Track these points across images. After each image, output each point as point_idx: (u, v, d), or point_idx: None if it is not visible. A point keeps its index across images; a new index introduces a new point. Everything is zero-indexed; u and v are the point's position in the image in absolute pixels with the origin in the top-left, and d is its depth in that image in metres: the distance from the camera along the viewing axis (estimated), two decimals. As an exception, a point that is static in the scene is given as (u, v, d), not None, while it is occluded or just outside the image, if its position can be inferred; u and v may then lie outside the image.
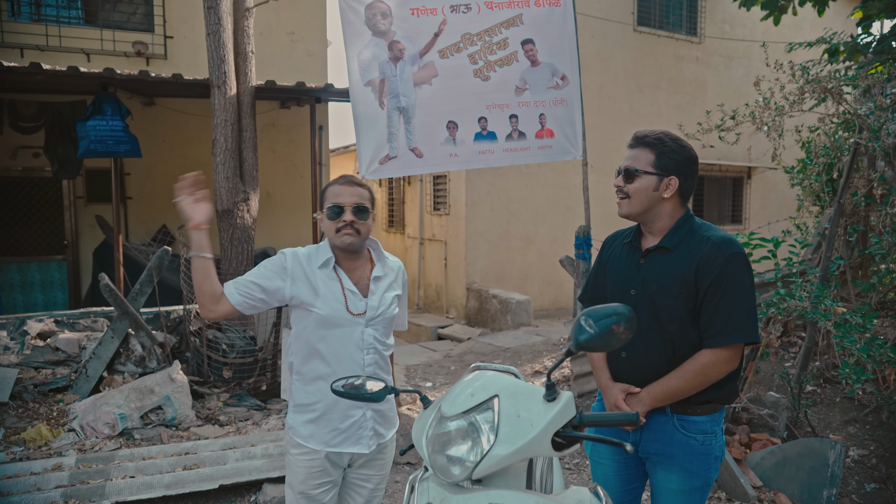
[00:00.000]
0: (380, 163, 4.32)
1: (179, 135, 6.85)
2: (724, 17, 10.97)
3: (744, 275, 1.67)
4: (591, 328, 1.36)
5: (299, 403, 1.91)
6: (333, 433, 1.88)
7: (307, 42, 7.40)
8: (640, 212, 1.79)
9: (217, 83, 4.36)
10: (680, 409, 1.73)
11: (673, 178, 1.75)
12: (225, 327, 4.28)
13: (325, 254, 1.91)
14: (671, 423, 1.74)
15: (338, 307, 1.87)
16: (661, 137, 1.78)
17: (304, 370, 1.91)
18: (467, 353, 7.18)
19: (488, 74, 4.53)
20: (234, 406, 4.16)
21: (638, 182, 1.76)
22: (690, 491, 1.75)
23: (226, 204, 4.40)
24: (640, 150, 1.78)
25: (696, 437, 1.73)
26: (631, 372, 1.79)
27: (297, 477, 1.89)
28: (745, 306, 1.66)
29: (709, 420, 1.75)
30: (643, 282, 1.77)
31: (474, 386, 1.50)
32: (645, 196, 1.76)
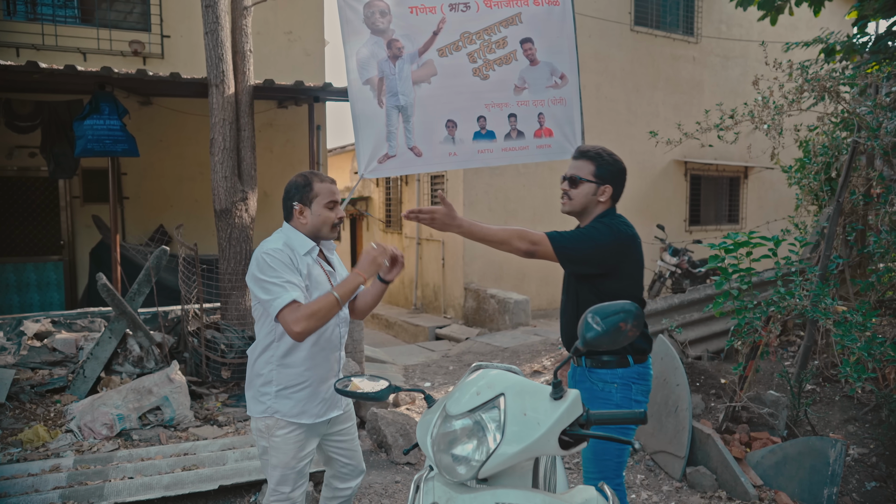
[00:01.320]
0: (378, 162, 4.30)
1: (177, 134, 6.82)
2: (720, 17, 11.00)
3: (596, 229, 2.12)
4: (598, 325, 1.35)
5: (287, 386, 2.02)
6: (320, 404, 2.07)
7: (305, 41, 7.37)
8: (579, 210, 2.22)
9: (215, 82, 4.34)
10: (591, 364, 2.17)
11: (608, 186, 2.17)
12: (223, 327, 4.26)
13: (304, 243, 2.04)
14: (585, 373, 2.19)
15: (326, 289, 2.03)
16: (599, 153, 2.20)
17: (291, 354, 2.04)
18: (465, 353, 7.16)
19: (487, 73, 4.52)
20: (232, 406, 4.14)
21: (580, 188, 2.18)
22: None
23: (224, 203, 4.38)
24: (583, 162, 2.19)
25: (597, 384, 2.15)
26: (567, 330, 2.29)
27: (287, 455, 2.03)
28: (575, 239, 2.11)
29: (609, 373, 2.14)
30: None
31: (479, 384, 1.49)
32: (584, 199, 2.19)
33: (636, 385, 2.16)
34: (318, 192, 2.04)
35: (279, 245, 1.97)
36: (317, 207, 2.03)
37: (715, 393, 4.45)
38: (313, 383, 2.05)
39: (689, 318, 5.23)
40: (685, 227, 10.90)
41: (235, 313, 4.38)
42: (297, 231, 2.05)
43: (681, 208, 10.88)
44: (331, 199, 2.05)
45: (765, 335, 3.69)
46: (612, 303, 1.39)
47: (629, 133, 10.15)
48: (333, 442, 2.21)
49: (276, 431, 2.02)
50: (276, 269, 1.92)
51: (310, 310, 1.89)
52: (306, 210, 2.03)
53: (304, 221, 2.04)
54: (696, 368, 4.80)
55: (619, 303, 1.38)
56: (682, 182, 10.89)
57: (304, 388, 2.03)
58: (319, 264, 2.08)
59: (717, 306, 3.67)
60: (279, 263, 1.93)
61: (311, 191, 2.04)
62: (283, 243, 1.99)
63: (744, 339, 3.73)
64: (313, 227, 2.04)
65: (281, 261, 1.94)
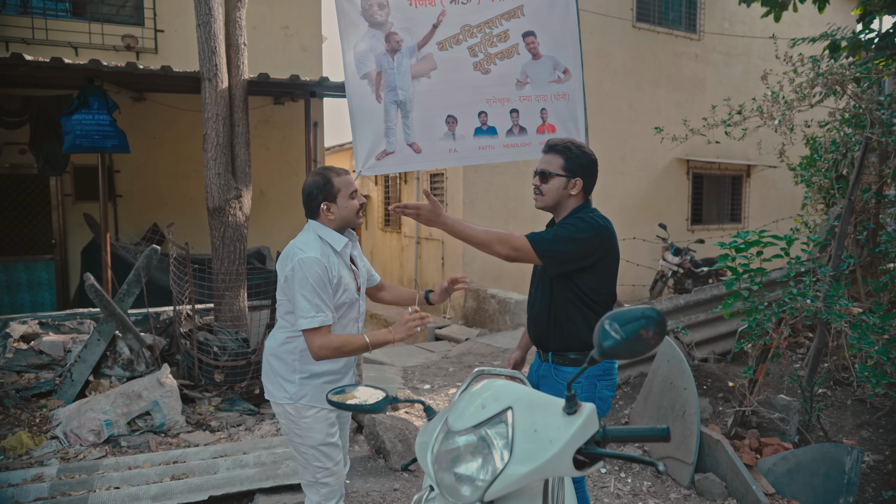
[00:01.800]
0: (377, 158, 4.17)
1: (171, 131, 6.68)
2: (723, 14, 10.87)
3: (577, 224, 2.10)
4: (616, 333, 1.22)
5: (312, 375, 2.12)
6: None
7: (302, 36, 7.24)
8: (552, 205, 2.21)
9: (208, 76, 4.20)
10: (557, 361, 2.20)
11: (578, 179, 2.15)
12: (216, 329, 4.13)
13: (338, 239, 2.12)
14: (551, 370, 2.21)
15: (352, 289, 2.15)
16: (568, 146, 2.18)
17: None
18: (465, 353, 7.04)
19: (488, 67, 4.39)
20: (225, 411, 4.01)
21: (551, 182, 2.16)
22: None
23: (217, 201, 4.24)
24: (552, 156, 2.18)
25: (562, 382, 2.17)
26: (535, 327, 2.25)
27: (321, 433, 2.13)
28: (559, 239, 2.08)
29: (574, 371, 2.13)
30: None
31: (484, 396, 1.36)
32: (556, 193, 2.17)
33: (601, 382, 2.19)
34: (339, 186, 2.12)
35: (317, 253, 2.03)
36: (342, 200, 2.12)
37: (723, 396, 4.33)
38: (333, 373, 2.15)
39: (695, 319, 5.11)
40: (687, 227, 10.78)
41: (229, 314, 4.25)
42: (327, 228, 2.13)
43: (683, 207, 10.76)
44: (351, 189, 2.15)
45: (776, 337, 3.57)
46: (632, 309, 1.26)
47: (631, 131, 10.02)
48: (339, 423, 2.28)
49: (304, 413, 2.11)
50: (314, 286, 1.99)
51: (338, 342, 2.02)
52: (333, 206, 2.12)
53: (332, 217, 2.12)
54: (703, 371, 4.68)
55: (639, 308, 1.25)
56: (685, 180, 10.77)
57: (326, 377, 2.14)
58: (346, 264, 2.16)
59: (726, 308, 3.55)
60: (318, 279, 2.00)
61: (332, 187, 2.12)
62: (320, 249, 2.05)
63: (754, 342, 3.60)
64: (341, 220, 2.13)
65: (319, 275, 2.01)
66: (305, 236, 2.12)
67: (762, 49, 11.28)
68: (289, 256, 2.06)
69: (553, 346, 2.20)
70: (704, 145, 10.48)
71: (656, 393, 4.21)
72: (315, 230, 2.13)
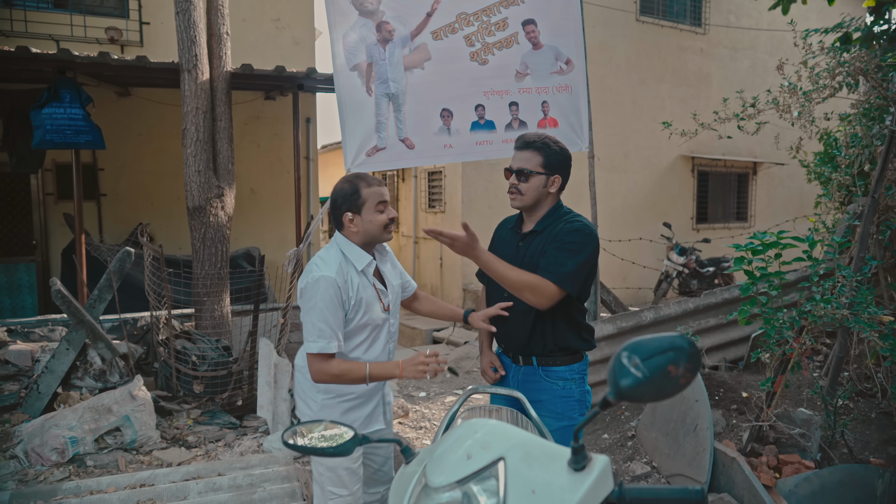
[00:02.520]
0: (367, 155, 3.93)
1: (157, 127, 6.42)
2: (728, 8, 10.59)
3: (582, 244, 2.02)
4: (637, 370, 0.96)
5: (336, 395, 2.05)
6: (362, 418, 2.11)
7: (293, 29, 6.97)
8: (531, 205, 2.11)
9: (187, 67, 3.94)
10: (545, 363, 2.12)
11: (557, 176, 2.08)
12: (196, 337, 3.87)
13: (360, 258, 2.02)
14: (538, 373, 2.12)
15: (377, 310, 2.05)
16: (545, 142, 2.07)
17: None
18: (464, 358, 6.78)
19: (486, 58, 4.15)
20: (205, 424, 3.75)
21: (531, 181, 2.06)
22: (560, 430, 2.07)
23: (197, 200, 3.99)
24: (530, 153, 2.06)
25: (557, 383, 2.11)
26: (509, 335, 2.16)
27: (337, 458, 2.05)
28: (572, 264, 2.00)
29: (567, 370, 2.12)
30: (522, 260, 2.08)
31: (470, 443, 1.10)
32: (536, 192, 2.07)
33: (586, 375, 2.19)
34: (366, 197, 2.01)
35: (332, 272, 1.94)
36: (367, 213, 2.01)
37: (736, 408, 4.07)
38: (359, 396, 2.09)
39: (705, 324, 4.84)
40: (692, 226, 10.51)
41: (210, 321, 4.00)
42: (351, 243, 2.03)
43: (688, 205, 10.49)
44: (379, 200, 2.03)
45: (796, 347, 3.30)
46: (656, 337, 0.99)
47: (634, 127, 9.75)
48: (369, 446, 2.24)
49: None
50: (322, 309, 1.91)
51: (338, 370, 1.93)
52: (357, 218, 2.01)
53: (355, 230, 2.02)
54: (714, 380, 4.41)
55: (665, 337, 0.99)
56: (689, 178, 10.49)
57: (350, 400, 2.07)
58: (374, 284, 2.06)
59: (742, 314, 3.28)
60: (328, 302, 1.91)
61: (359, 198, 2.01)
62: (337, 268, 1.96)
63: (772, 351, 3.34)
64: (365, 234, 2.03)
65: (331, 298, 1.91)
66: (327, 251, 2.03)
67: (769, 43, 11.00)
68: (308, 271, 1.99)
69: (538, 351, 2.13)
70: (710, 142, 10.22)
71: (665, 405, 3.95)
72: (338, 244, 2.04)
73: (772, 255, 3.29)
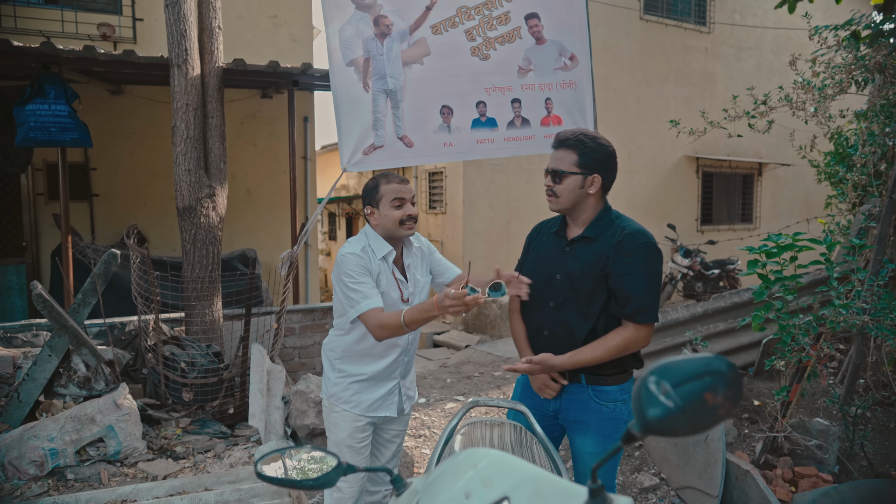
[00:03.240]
0: (364, 153, 3.77)
1: (151, 126, 6.28)
2: (733, 6, 10.43)
3: (654, 263, 1.90)
4: (668, 398, 0.80)
5: (347, 375, 2.18)
6: (370, 402, 2.18)
7: (291, 26, 6.83)
8: (569, 207, 1.97)
9: (177, 62, 3.80)
10: (594, 381, 1.97)
11: (596, 175, 1.93)
12: (185, 343, 3.72)
13: (381, 246, 2.14)
14: (586, 393, 1.98)
15: (395, 297, 2.15)
16: (580, 139, 1.94)
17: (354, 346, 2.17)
18: (465, 362, 6.63)
19: (487, 53, 3.99)
20: (195, 433, 3.60)
21: (565, 182, 1.93)
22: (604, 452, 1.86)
23: (187, 200, 3.84)
24: (564, 152, 1.94)
25: (608, 405, 1.96)
26: (553, 349, 1.96)
27: (343, 432, 2.18)
28: (654, 292, 1.89)
29: (618, 389, 1.98)
30: (567, 267, 1.97)
31: (469, 477, 0.94)
32: (572, 194, 1.94)
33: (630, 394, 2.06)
34: (383, 192, 2.13)
35: (357, 249, 2.09)
36: (384, 208, 2.12)
37: (748, 417, 3.91)
38: (369, 379, 2.17)
39: (714, 328, 4.69)
40: (697, 227, 10.35)
41: (200, 326, 3.85)
42: (375, 234, 2.16)
43: (692, 207, 10.33)
44: (395, 196, 2.11)
45: (813, 354, 3.14)
46: (688, 359, 0.84)
47: (638, 127, 9.60)
48: (379, 438, 2.32)
49: (333, 408, 2.19)
50: (354, 276, 2.04)
51: (379, 321, 1.99)
52: (375, 212, 2.15)
53: (374, 223, 2.16)
54: (724, 387, 4.25)
55: (699, 359, 0.83)
56: (694, 179, 10.34)
57: (359, 381, 2.17)
58: (393, 272, 2.16)
59: (756, 320, 3.12)
60: (357, 268, 2.05)
61: (377, 193, 2.14)
62: (361, 248, 2.11)
63: (788, 359, 3.18)
64: (384, 228, 2.14)
65: (360, 265, 2.06)
66: (355, 237, 2.19)
67: (774, 43, 10.84)
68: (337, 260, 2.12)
69: (589, 368, 1.96)
70: (715, 142, 10.06)
71: (674, 413, 3.79)
72: (366, 233, 2.19)
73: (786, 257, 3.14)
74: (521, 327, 2.13)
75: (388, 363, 2.19)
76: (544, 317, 2.03)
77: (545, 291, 2.02)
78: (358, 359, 2.17)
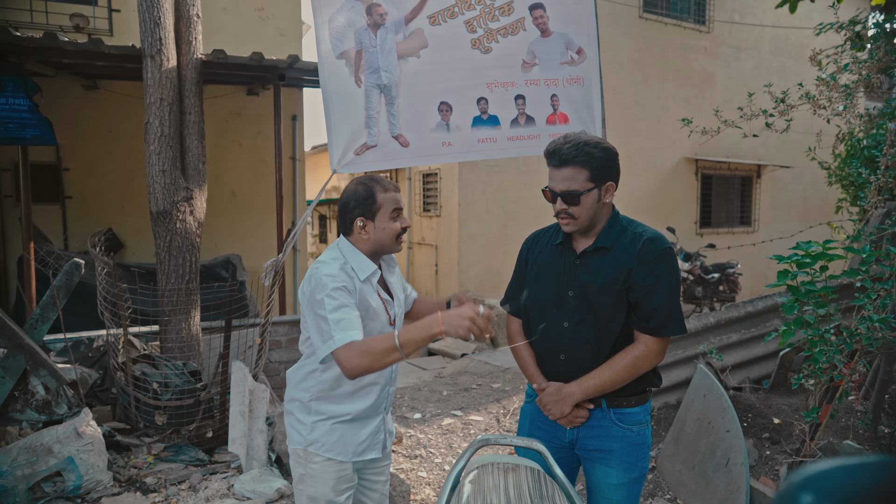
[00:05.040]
0: (356, 153, 3.48)
1: (128, 124, 5.92)
2: (733, 6, 10.24)
3: (676, 270, 1.78)
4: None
5: (327, 417, 1.85)
6: (360, 443, 1.90)
7: (278, 20, 6.50)
8: (589, 224, 1.80)
9: (150, 52, 3.47)
10: (615, 403, 1.80)
11: (610, 183, 1.79)
12: (158, 361, 3.39)
13: (364, 266, 1.83)
14: (608, 417, 1.81)
15: (384, 322, 1.86)
16: (588, 152, 1.74)
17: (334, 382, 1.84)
18: (462, 372, 6.33)
19: (489, 46, 3.71)
20: (168, 461, 3.27)
21: (584, 202, 1.76)
22: (629, 483, 1.82)
23: (161, 204, 3.51)
24: (573, 170, 1.75)
25: (632, 429, 1.81)
26: (572, 374, 1.81)
27: (325, 486, 1.86)
28: (678, 300, 1.77)
29: (641, 410, 1.83)
30: (581, 283, 1.80)
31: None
32: (591, 211, 1.78)
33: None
34: (381, 202, 1.83)
35: (335, 270, 1.75)
36: (381, 220, 1.83)
37: (769, 437, 3.65)
38: (355, 417, 1.87)
39: (727, 339, 4.43)
40: (696, 230, 10.14)
41: (177, 341, 3.52)
42: (356, 250, 1.84)
43: (691, 209, 10.11)
44: (395, 207, 1.85)
45: (846, 373, 2.88)
46: (859, 464, 0.54)
47: (637, 128, 9.37)
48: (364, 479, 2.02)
49: (313, 459, 1.86)
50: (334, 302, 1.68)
51: (363, 347, 1.62)
52: (370, 224, 1.83)
53: (365, 237, 1.84)
54: (741, 403, 4.00)
55: (876, 467, 0.54)
56: (693, 181, 10.12)
57: (344, 422, 1.86)
58: (378, 292, 1.87)
59: (786, 336, 2.85)
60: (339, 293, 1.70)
61: (374, 203, 1.83)
62: (339, 268, 1.77)
63: (819, 378, 2.92)
64: (376, 242, 1.85)
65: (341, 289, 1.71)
66: (328, 254, 1.84)
67: (773, 44, 10.67)
68: (307, 277, 1.78)
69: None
70: (714, 144, 9.84)
71: (690, 433, 3.52)
72: (342, 250, 1.84)
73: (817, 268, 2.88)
74: (528, 353, 1.92)
75: (376, 397, 1.89)
76: (559, 339, 1.83)
77: (556, 310, 1.83)
78: (340, 397, 1.85)
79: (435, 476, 3.69)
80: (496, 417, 4.79)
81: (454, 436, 4.40)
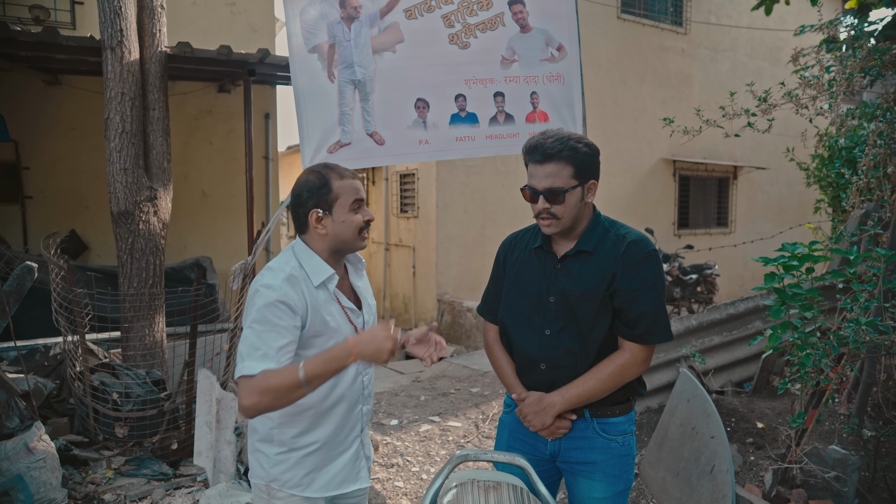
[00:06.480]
0: (328, 151, 3.34)
1: (92, 121, 5.67)
2: (709, 8, 10.31)
3: (661, 273, 1.72)
4: None
5: (291, 448, 1.62)
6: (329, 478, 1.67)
7: (251, 14, 6.31)
8: (571, 225, 1.72)
9: (110, 44, 3.28)
10: (599, 413, 1.74)
11: (592, 181, 1.71)
12: (119, 370, 3.20)
13: (319, 270, 1.60)
14: (591, 428, 1.75)
15: (347, 333, 1.61)
16: (573, 146, 1.66)
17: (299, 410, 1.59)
18: (440, 377, 6.21)
19: (467, 41, 3.60)
20: (130, 475, 3.09)
21: (568, 200, 1.67)
22: (614, 497, 1.76)
23: (123, 204, 3.32)
24: (557, 166, 1.66)
25: (617, 439, 1.75)
26: (553, 384, 1.73)
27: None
28: (664, 305, 1.70)
29: (626, 420, 1.78)
30: (562, 289, 1.71)
31: None
32: (574, 210, 1.69)
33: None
34: (338, 191, 1.61)
35: (279, 281, 1.51)
36: (340, 212, 1.61)
37: (753, 442, 3.60)
38: (324, 447, 1.64)
39: (709, 342, 4.38)
40: (674, 231, 10.17)
41: (140, 350, 3.33)
42: (310, 251, 1.62)
43: (669, 210, 10.14)
44: (355, 198, 1.63)
45: (833, 377, 2.83)
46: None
47: (616, 129, 9.36)
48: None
49: (276, 495, 1.64)
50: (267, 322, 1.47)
51: (263, 384, 1.40)
52: (327, 217, 1.61)
53: (322, 232, 1.61)
54: (724, 407, 3.94)
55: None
56: (671, 182, 10.15)
57: (312, 453, 1.63)
58: (338, 299, 1.62)
59: (773, 340, 2.79)
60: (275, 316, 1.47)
61: (329, 192, 1.60)
62: (286, 277, 1.53)
63: (805, 383, 2.86)
64: (335, 238, 1.62)
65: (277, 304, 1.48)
66: (279, 258, 1.62)
67: (748, 46, 10.77)
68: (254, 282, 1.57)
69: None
70: (691, 145, 9.88)
71: (674, 440, 3.44)
72: (296, 252, 1.62)
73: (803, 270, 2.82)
74: (507, 361, 1.84)
75: (341, 418, 1.64)
76: (539, 348, 1.74)
77: (536, 318, 1.74)
78: (303, 421, 1.60)
79: (412, 486, 3.56)
80: (475, 423, 4.68)
81: (432, 443, 4.27)
